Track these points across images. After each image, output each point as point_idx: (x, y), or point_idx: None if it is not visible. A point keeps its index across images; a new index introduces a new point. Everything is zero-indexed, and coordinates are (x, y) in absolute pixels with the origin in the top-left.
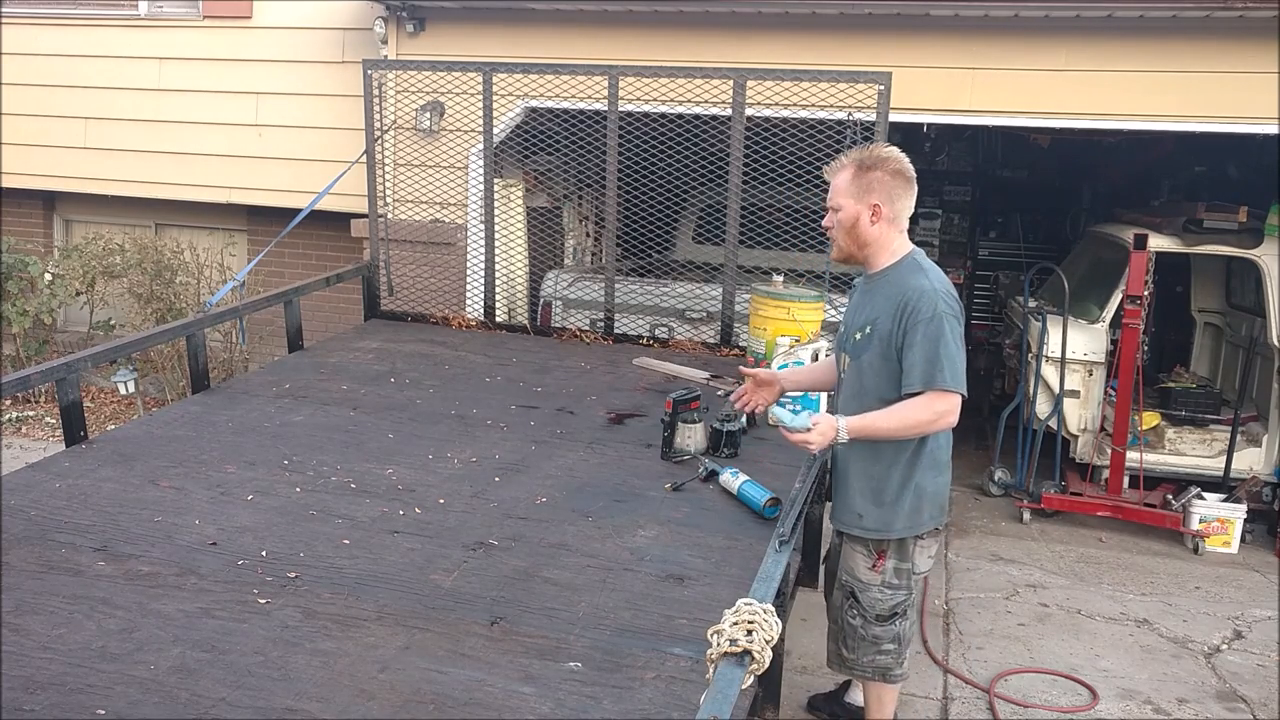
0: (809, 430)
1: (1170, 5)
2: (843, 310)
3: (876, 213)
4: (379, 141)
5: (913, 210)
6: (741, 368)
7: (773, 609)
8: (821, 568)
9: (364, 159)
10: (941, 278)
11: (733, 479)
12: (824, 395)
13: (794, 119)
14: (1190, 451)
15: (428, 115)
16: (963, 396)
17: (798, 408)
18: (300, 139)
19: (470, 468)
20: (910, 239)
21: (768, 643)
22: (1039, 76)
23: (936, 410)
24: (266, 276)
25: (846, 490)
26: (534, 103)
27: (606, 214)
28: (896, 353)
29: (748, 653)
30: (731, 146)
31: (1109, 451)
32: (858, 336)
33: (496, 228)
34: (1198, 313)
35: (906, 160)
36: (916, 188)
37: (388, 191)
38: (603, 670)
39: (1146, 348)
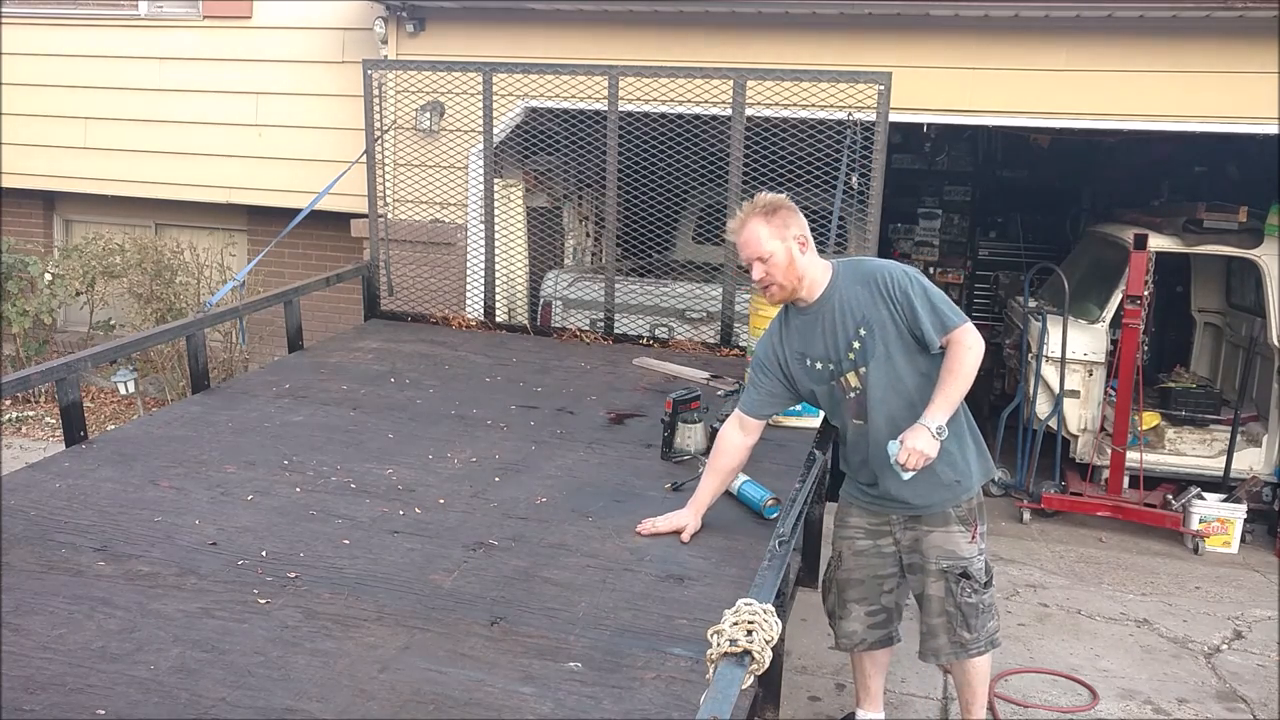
0: (910, 452)
1: (1170, 5)
2: None
3: (803, 242)
4: (379, 141)
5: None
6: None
7: (773, 609)
8: (824, 580)
9: (364, 159)
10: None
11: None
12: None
13: (794, 119)
14: (1190, 451)
15: (428, 115)
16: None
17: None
18: (300, 139)
19: (470, 468)
20: (910, 239)
21: (768, 643)
22: (1039, 76)
23: (967, 345)
24: (266, 276)
25: (914, 476)
26: (534, 103)
27: (606, 214)
28: (908, 326)
29: (748, 653)
30: (731, 146)
31: (1109, 451)
32: (856, 345)
33: (496, 228)
34: (1198, 313)
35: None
36: None
37: (388, 191)
38: (603, 670)
39: (1146, 348)
